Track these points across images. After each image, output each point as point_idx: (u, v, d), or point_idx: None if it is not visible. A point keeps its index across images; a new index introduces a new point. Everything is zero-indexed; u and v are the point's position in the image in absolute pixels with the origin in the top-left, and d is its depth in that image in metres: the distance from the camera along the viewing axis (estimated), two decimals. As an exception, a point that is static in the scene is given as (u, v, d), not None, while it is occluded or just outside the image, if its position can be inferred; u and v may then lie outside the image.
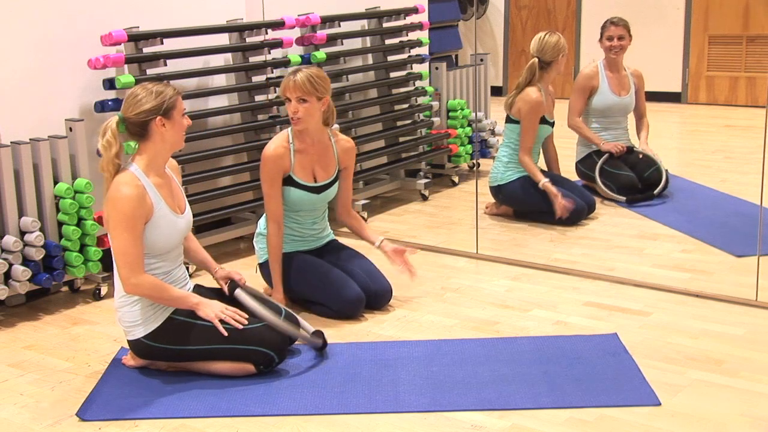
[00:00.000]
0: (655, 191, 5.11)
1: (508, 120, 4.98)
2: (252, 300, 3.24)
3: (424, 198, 5.57)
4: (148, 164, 3.08)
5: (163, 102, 3.04)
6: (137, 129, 3.06)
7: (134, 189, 2.99)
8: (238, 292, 3.27)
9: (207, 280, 3.55)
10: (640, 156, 5.25)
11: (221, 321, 3.05)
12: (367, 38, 5.59)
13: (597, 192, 5.34)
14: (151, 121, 3.04)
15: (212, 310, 3.07)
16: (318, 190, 3.73)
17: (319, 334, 3.34)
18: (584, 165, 5.36)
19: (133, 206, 2.97)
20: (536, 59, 4.88)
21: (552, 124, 5.05)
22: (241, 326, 3.06)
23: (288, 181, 3.69)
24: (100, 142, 3.05)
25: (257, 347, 3.09)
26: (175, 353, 3.11)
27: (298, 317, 3.37)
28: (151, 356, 3.15)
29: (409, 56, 5.73)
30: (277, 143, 3.69)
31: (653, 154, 5.25)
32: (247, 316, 3.12)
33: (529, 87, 4.87)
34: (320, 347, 3.31)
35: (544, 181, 4.80)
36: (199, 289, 3.27)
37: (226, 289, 3.31)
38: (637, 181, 5.21)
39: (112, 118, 3.09)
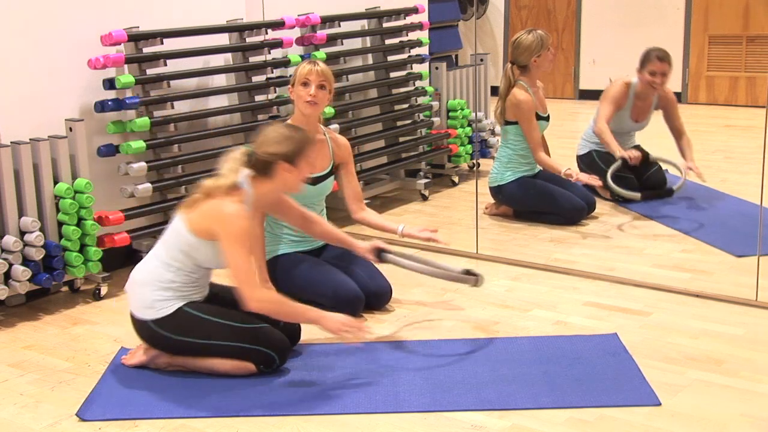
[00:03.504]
0: (675, 187, 4.95)
1: (505, 122, 4.97)
2: (405, 260, 3.49)
3: (424, 198, 5.57)
4: (257, 199, 3.11)
5: (295, 149, 3.08)
6: (261, 166, 3.08)
7: (244, 210, 3.03)
8: (389, 257, 3.50)
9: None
10: (653, 162, 5.21)
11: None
12: (367, 38, 5.59)
13: (596, 192, 5.34)
14: (276, 163, 3.06)
15: (334, 324, 3.08)
16: (312, 181, 3.76)
17: (468, 272, 3.50)
18: (584, 160, 5.34)
19: (249, 225, 3.01)
20: (509, 65, 4.88)
21: (547, 119, 5.04)
22: (368, 336, 3.12)
23: None
24: (222, 168, 3.08)
25: (260, 347, 3.10)
26: (178, 344, 3.10)
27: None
28: (154, 342, 3.14)
29: (409, 56, 5.73)
30: None
31: (696, 170, 5.00)
32: (369, 328, 3.16)
33: (514, 88, 4.86)
34: (476, 282, 3.49)
35: (564, 170, 4.78)
36: (214, 287, 3.27)
37: (374, 259, 3.54)
38: (636, 182, 5.19)
39: (240, 149, 3.12)
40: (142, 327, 3.13)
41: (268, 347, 3.11)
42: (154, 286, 3.08)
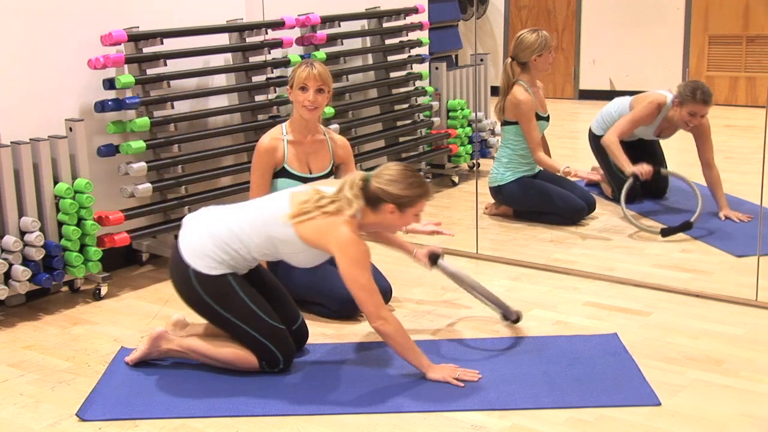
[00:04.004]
0: (692, 219, 4.60)
1: (504, 122, 4.98)
2: (456, 272, 3.51)
3: (424, 198, 5.56)
4: (361, 225, 3.11)
5: (407, 197, 3.06)
6: (372, 197, 3.07)
7: (357, 233, 3.06)
8: (441, 263, 3.52)
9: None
10: (662, 174, 5.05)
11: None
12: (367, 38, 5.59)
13: (600, 188, 5.34)
14: (385, 202, 3.06)
15: (440, 375, 3.06)
16: (313, 181, 3.75)
17: (512, 310, 3.52)
18: (596, 141, 5.26)
19: (366, 246, 3.04)
20: (509, 60, 4.88)
21: (547, 119, 5.03)
22: (476, 379, 3.06)
23: (282, 172, 3.72)
24: (344, 190, 3.06)
25: (272, 345, 3.11)
26: (202, 304, 3.09)
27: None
28: (181, 287, 3.12)
29: (409, 56, 5.74)
30: (272, 135, 3.75)
31: (734, 217, 4.77)
32: (480, 375, 3.09)
33: (514, 88, 4.86)
34: (515, 320, 3.51)
35: (563, 168, 4.75)
36: (261, 269, 3.31)
37: (428, 264, 3.55)
38: (638, 187, 5.17)
39: (360, 174, 3.12)
40: (180, 268, 3.09)
41: (279, 348, 3.12)
42: (219, 245, 3.06)
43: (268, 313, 3.13)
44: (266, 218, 3.09)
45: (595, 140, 5.30)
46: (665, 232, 4.60)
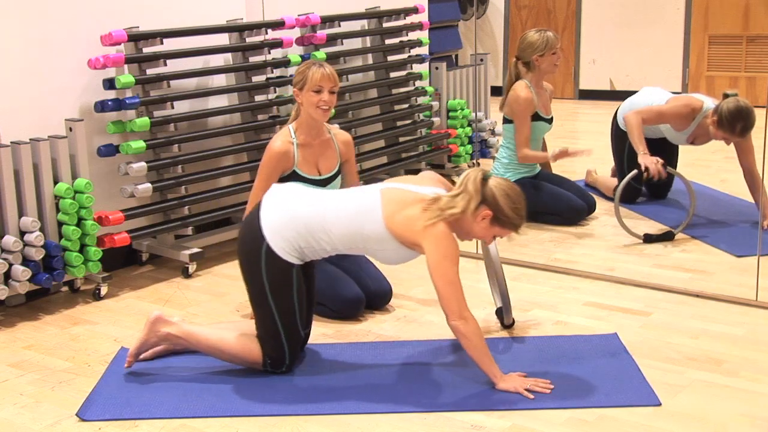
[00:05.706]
0: (676, 230, 4.59)
1: (504, 120, 4.98)
2: (495, 255, 3.53)
3: (424, 198, 5.56)
4: (450, 226, 3.05)
5: (506, 217, 3.06)
6: (484, 197, 3.04)
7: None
8: (491, 249, 3.52)
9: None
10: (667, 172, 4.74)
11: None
12: (367, 38, 5.60)
13: (601, 193, 5.32)
14: (486, 207, 3.03)
15: (513, 384, 2.99)
16: (322, 183, 3.74)
17: (510, 315, 3.53)
18: (616, 131, 5.18)
19: (457, 245, 3.03)
20: (514, 59, 4.87)
21: (549, 121, 5.02)
22: (548, 391, 2.99)
23: (293, 176, 3.70)
24: (467, 185, 3.02)
25: (287, 346, 3.10)
26: (255, 278, 3.05)
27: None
28: (244, 250, 3.08)
29: (409, 56, 5.74)
30: (282, 139, 3.70)
31: None
32: (552, 386, 3.01)
33: (516, 84, 4.85)
34: (505, 325, 3.53)
35: (552, 153, 4.69)
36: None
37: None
38: (641, 191, 5.17)
39: (478, 171, 3.07)
40: (254, 238, 3.04)
41: (290, 352, 3.11)
42: (300, 230, 3.01)
43: (301, 318, 3.12)
44: (357, 212, 3.04)
45: (617, 130, 5.20)
46: (648, 239, 4.57)
